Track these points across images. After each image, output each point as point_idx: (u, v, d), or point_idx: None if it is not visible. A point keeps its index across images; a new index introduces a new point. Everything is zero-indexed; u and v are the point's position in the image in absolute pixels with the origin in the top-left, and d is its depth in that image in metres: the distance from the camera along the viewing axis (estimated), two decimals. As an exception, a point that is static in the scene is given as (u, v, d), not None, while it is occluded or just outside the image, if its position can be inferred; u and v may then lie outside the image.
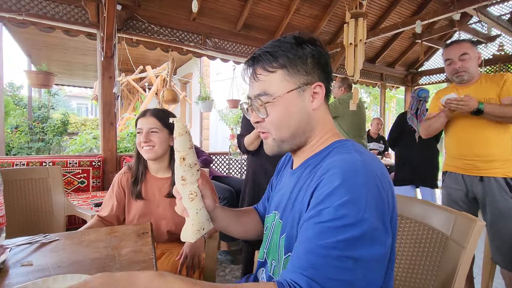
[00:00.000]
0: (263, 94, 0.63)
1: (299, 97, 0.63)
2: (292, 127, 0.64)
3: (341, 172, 0.51)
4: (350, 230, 0.47)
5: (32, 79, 2.82)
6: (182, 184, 0.66)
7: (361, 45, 2.09)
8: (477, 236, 0.70)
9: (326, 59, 0.66)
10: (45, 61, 5.65)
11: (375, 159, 0.57)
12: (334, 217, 0.48)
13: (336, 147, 0.62)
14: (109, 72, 2.89)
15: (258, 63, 0.64)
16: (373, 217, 0.48)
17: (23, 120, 7.48)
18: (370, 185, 0.50)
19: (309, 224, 0.51)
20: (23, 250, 0.79)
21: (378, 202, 0.50)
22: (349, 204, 0.48)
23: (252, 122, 0.68)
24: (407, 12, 4.29)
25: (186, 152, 0.65)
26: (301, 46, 0.63)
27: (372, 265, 0.48)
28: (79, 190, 2.87)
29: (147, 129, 1.24)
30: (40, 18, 2.57)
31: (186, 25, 3.31)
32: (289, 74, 0.62)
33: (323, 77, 0.65)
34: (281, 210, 0.69)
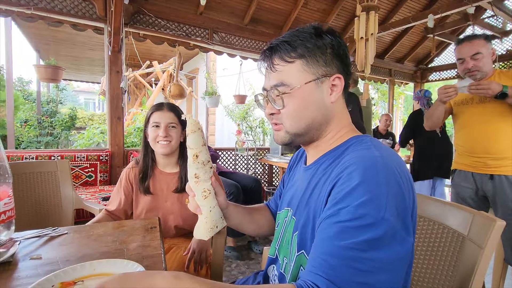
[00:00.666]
0: (280, 85, 0.61)
1: (317, 88, 0.61)
2: (309, 120, 0.62)
3: (361, 169, 0.49)
4: (370, 230, 0.45)
5: (41, 73, 2.84)
6: (195, 182, 0.65)
7: (372, 39, 2.04)
8: (496, 237, 0.68)
9: (345, 50, 0.64)
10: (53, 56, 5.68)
11: (394, 154, 0.55)
12: (353, 217, 0.46)
13: (354, 143, 0.60)
14: (116, 67, 2.90)
15: (275, 53, 0.62)
16: (393, 216, 0.46)
17: (32, 115, 7.58)
18: (391, 182, 0.48)
19: (327, 224, 0.49)
20: (32, 243, 0.79)
21: (398, 200, 0.48)
22: (369, 203, 0.46)
23: (267, 114, 0.66)
24: (418, 6, 4.19)
25: (199, 149, 0.64)
26: (320, 36, 0.61)
27: (392, 266, 0.45)
28: (87, 184, 2.90)
29: (166, 124, 1.23)
30: (48, 12, 2.58)
31: (193, 19, 3.29)
32: (308, 65, 0.60)
33: (342, 69, 0.63)
34: (294, 207, 0.67)
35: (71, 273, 0.60)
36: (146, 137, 1.28)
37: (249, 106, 6.17)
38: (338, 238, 0.46)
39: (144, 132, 1.30)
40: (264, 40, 3.80)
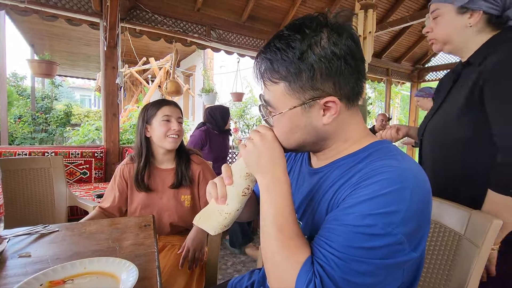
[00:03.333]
0: (267, 104, 0.58)
1: (304, 113, 0.54)
2: (299, 141, 0.58)
3: (390, 180, 0.47)
4: (377, 240, 0.45)
5: (35, 68, 2.80)
6: (245, 177, 0.59)
7: (370, 38, 2.03)
8: (493, 236, 0.67)
9: (341, 63, 0.52)
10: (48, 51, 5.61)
11: (419, 166, 0.52)
12: (360, 224, 0.46)
13: (377, 149, 0.55)
14: (112, 62, 2.86)
15: (262, 68, 0.56)
16: (402, 234, 0.45)
17: (26, 111, 7.48)
18: (414, 200, 0.46)
19: (338, 215, 0.49)
20: (22, 241, 0.77)
21: (415, 219, 0.47)
22: (382, 217, 0.45)
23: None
24: (416, 5, 4.19)
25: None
26: (306, 54, 0.50)
27: (391, 276, 0.47)
28: (81, 181, 2.86)
29: (177, 117, 1.24)
30: (42, 6, 2.53)
31: (190, 15, 3.26)
32: (291, 89, 0.53)
33: (338, 87, 0.52)
34: (300, 210, 0.64)
35: (60, 272, 0.59)
36: (145, 133, 1.25)
37: (246, 104, 6.16)
38: (346, 239, 0.46)
39: (143, 129, 1.26)
40: (262, 38, 3.78)
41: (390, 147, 0.56)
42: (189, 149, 1.37)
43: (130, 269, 0.60)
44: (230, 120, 2.90)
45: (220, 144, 2.75)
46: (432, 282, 0.78)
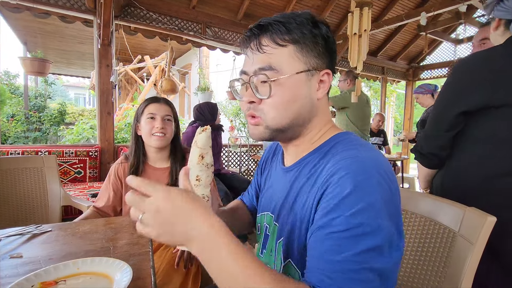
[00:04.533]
0: (268, 69, 0.53)
1: (307, 81, 0.55)
2: (295, 114, 0.56)
3: (352, 175, 0.46)
4: (368, 239, 0.43)
5: (27, 66, 2.76)
6: (195, 185, 0.59)
7: (366, 36, 2.03)
8: (487, 232, 0.68)
9: (335, 47, 0.60)
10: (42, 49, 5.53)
11: (380, 154, 0.52)
12: (348, 227, 0.43)
13: (338, 142, 0.56)
14: (107, 60, 2.83)
15: (266, 33, 0.55)
16: (388, 222, 0.45)
17: (19, 109, 7.38)
18: (383, 187, 0.46)
19: (320, 236, 0.46)
20: (13, 242, 0.76)
21: (390, 205, 0.46)
22: (364, 211, 0.43)
23: (245, 102, 0.58)
24: (411, 4, 4.21)
25: (206, 150, 0.59)
26: (316, 25, 0.56)
27: (391, 274, 0.46)
28: (76, 181, 2.83)
29: (162, 115, 1.22)
30: (34, 3, 2.49)
31: (185, 13, 3.23)
32: (301, 52, 0.54)
33: (330, 65, 0.58)
34: (276, 212, 0.62)
35: (53, 272, 0.58)
36: (137, 131, 1.25)
37: (243, 103, 6.12)
38: (335, 251, 0.43)
39: (135, 126, 1.27)
40: (257, 36, 3.77)
41: (350, 138, 0.56)
42: (185, 148, 1.36)
43: (124, 269, 0.59)
44: (220, 114, 2.89)
45: (212, 141, 2.74)
46: (426, 279, 0.78)
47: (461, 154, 0.93)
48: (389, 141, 4.37)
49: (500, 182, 0.84)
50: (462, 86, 0.88)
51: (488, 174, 0.86)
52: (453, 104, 0.89)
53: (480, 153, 0.88)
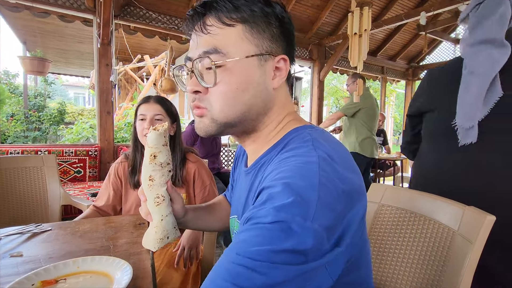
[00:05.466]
0: (213, 52, 0.47)
1: (259, 67, 0.49)
2: (246, 106, 0.49)
3: (291, 169, 0.40)
4: (291, 239, 0.35)
5: (27, 66, 2.76)
6: (149, 185, 0.57)
7: (366, 35, 2.04)
8: (486, 232, 0.68)
9: (293, 29, 0.53)
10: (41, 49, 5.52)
11: (337, 157, 0.43)
12: (273, 220, 0.35)
13: (291, 138, 0.49)
14: (106, 60, 2.83)
15: (210, 11, 0.48)
16: (322, 227, 0.36)
17: (18, 109, 7.37)
18: (327, 187, 0.38)
19: (245, 226, 0.38)
20: (13, 240, 0.76)
21: (328, 208, 0.38)
22: (294, 206, 0.36)
23: (189, 91, 0.50)
24: (411, 3, 4.22)
25: (159, 149, 0.57)
26: (268, 3, 0.49)
27: (308, 278, 0.36)
28: (76, 180, 2.83)
29: (152, 116, 1.20)
30: (33, 2, 2.49)
31: (185, 12, 3.22)
32: (252, 33, 0.48)
33: (288, 51, 0.52)
34: (239, 216, 0.58)
35: (53, 271, 0.58)
36: (135, 130, 1.26)
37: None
38: (252, 242, 0.35)
39: (133, 126, 1.27)
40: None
41: (304, 133, 0.48)
42: (186, 148, 1.35)
43: (124, 268, 0.59)
44: None
45: (211, 140, 2.75)
46: (426, 278, 0.78)
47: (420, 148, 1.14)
48: (389, 140, 4.37)
49: (429, 173, 1.04)
50: (415, 95, 1.14)
51: (422, 166, 1.08)
52: (409, 109, 1.15)
53: (422, 149, 1.11)
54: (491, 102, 0.91)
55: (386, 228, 0.89)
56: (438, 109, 1.03)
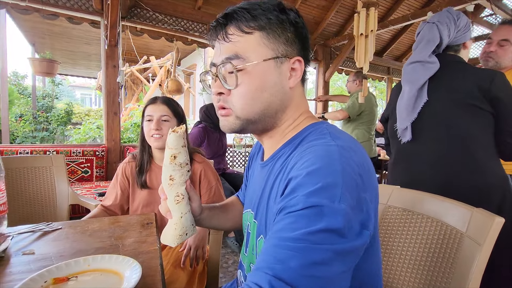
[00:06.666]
0: (234, 57, 0.52)
1: (276, 69, 0.53)
2: (264, 104, 0.54)
3: (314, 158, 0.44)
4: (325, 219, 0.39)
5: (36, 67, 2.81)
6: (169, 184, 0.61)
7: (372, 36, 2.03)
8: (495, 234, 0.67)
9: (307, 33, 0.58)
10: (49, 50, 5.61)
11: (354, 142, 0.49)
12: (304, 206, 0.40)
13: (310, 132, 0.54)
14: (113, 61, 2.86)
15: (231, 21, 0.53)
16: (350, 207, 0.41)
17: (27, 109, 7.49)
18: (348, 172, 0.43)
19: (280, 217, 0.43)
20: (25, 239, 0.77)
21: (357, 192, 0.43)
22: (322, 191, 0.40)
23: (214, 94, 0.56)
24: (417, 3, 4.18)
25: (178, 150, 0.60)
26: (283, 11, 0.54)
27: (347, 259, 0.41)
28: (83, 180, 2.87)
29: (158, 117, 1.22)
30: (43, 5, 2.53)
31: (191, 14, 3.25)
32: (268, 39, 0.53)
33: (302, 53, 0.57)
34: (255, 209, 0.61)
35: (64, 269, 0.59)
36: (142, 131, 1.27)
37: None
38: (288, 229, 0.40)
39: (141, 127, 1.29)
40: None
41: (322, 127, 0.54)
42: (192, 148, 1.37)
43: (134, 266, 0.60)
44: None
45: (217, 141, 2.77)
46: (433, 280, 0.78)
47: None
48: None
49: (392, 163, 1.33)
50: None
51: (391, 158, 1.36)
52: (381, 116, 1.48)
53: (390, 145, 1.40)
54: (419, 106, 1.16)
55: (393, 230, 0.89)
56: (390, 115, 1.35)
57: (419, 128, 1.18)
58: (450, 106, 1.12)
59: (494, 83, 1.06)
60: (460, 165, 1.09)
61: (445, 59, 1.17)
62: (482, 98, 1.07)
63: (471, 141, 1.09)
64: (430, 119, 1.16)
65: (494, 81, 1.06)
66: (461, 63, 1.18)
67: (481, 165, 1.08)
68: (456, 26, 1.16)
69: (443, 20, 1.17)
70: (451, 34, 1.16)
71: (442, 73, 1.15)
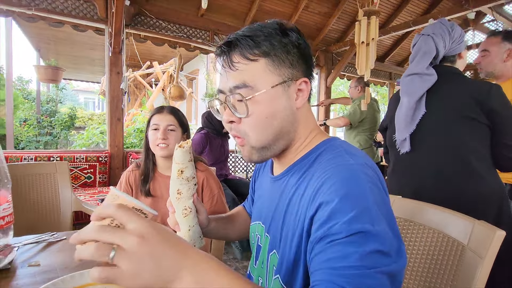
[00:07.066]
0: (242, 86, 0.52)
1: (284, 93, 0.54)
2: (276, 129, 0.54)
3: (340, 182, 0.45)
4: (371, 243, 0.40)
5: (41, 74, 2.85)
6: (177, 198, 0.62)
7: (373, 44, 2.04)
8: (496, 247, 0.68)
9: (310, 51, 0.58)
10: (54, 56, 5.68)
11: (366, 157, 0.52)
12: (348, 233, 0.41)
13: (325, 149, 0.55)
14: (117, 68, 2.89)
15: (235, 49, 0.53)
16: (387, 226, 0.43)
17: (31, 114, 7.56)
18: (374, 191, 0.45)
19: (322, 246, 0.43)
20: (30, 249, 0.78)
21: (383, 208, 0.45)
22: (361, 217, 0.41)
23: (225, 121, 0.57)
24: (419, 10, 4.20)
25: (185, 164, 0.61)
26: (285, 33, 0.54)
27: (399, 279, 0.42)
28: (86, 185, 2.89)
29: (165, 126, 1.23)
30: (49, 13, 2.58)
31: (194, 21, 3.29)
32: (273, 65, 0.53)
33: (307, 72, 0.57)
34: (267, 223, 0.61)
35: (69, 281, 0.60)
36: (147, 139, 1.28)
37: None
38: (338, 257, 0.40)
39: (145, 135, 1.30)
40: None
41: (335, 144, 0.55)
42: (195, 157, 1.38)
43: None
44: None
45: (219, 147, 2.78)
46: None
47: None
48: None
49: (390, 172, 1.37)
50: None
51: (390, 167, 1.39)
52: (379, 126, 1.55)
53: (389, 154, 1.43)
54: (417, 118, 1.18)
55: (394, 241, 0.89)
56: (389, 125, 1.38)
57: (417, 139, 1.20)
58: (448, 118, 1.14)
59: (490, 96, 1.08)
60: (458, 176, 1.11)
61: (442, 71, 1.19)
62: (479, 111, 1.09)
63: (469, 152, 1.10)
64: (428, 131, 1.18)
65: (490, 93, 1.08)
66: (458, 75, 1.20)
67: (479, 176, 1.10)
68: (451, 37, 1.18)
69: (438, 31, 1.18)
70: (447, 45, 1.18)
71: (439, 85, 1.17)
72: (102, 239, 0.33)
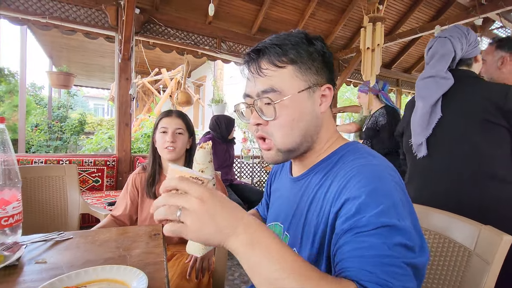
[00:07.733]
0: (270, 91, 0.55)
1: (309, 98, 0.57)
2: (302, 131, 0.58)
3: (366, 179, 0.48)
4: (397, 236, 0.43)
5: (53, 80, 2.93)
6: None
7: (378, 50, 2.05)
8: (504, 252, 0.66)
9: (332, 59, 0.62)
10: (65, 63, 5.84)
11: (387, 160, 0.55)
12: (376, 226, 0.43)
13: (347, 151, 0.58)
14: (126, 74, 2.96)
15: (263, 56, 0.57)
16: (411, 223, 0.46)
17: (43, 119, 7.74)
18: (398, 189, 0.48)
19: (349, 237, 0.45)
20: (38, 247, 0.80)
21: (407, 205, 0.48)
22: (387, 212, 0.44)
23: (252, 124, 0.60)
24: (425, 17, 4.20)
25: (205, 165, 0.62)
26: (311, 42, 0.58)
27: (421, 274, 0.45)
28: (93, 189, 2.93)
29: (173, 129, 1.26)
30: (62, 21, 2.67)
31: (201, 28, 3.35)
32: (300, 71, 0.56)
33: (330, 79, 0.61)
34: (286, 222, 0.63)
35: (74, 279, 0.61)
36: (154, 143, 1.31)
37: (255, 114, 6.19)
38: (367, 247, 0.43)
39: (152, 138, 1.32)
40: (271, 49, 3.84)
41: (358, 147, 0.58)
42: None
43: (140, 278, 0.61)
44: (234, 130, 2.97)
45: (224, 152, 2.80)
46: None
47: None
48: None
49: (408, 177, 1.33)
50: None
51: (407, 171, 1.36)
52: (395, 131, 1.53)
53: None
54: (433, 122, 1.17)
55: (399, 246, 0.88)
56: (405, 130, 1.38)
57: (434, 143, 1.19)
58: (464, 122, 1.12)
59: (508, 98, 1.06)
60: (478, 179, 1.09)
61: (459, 74, 1.18)
62: (497, 113, 1.07)
63: (487, 155, 1.08)
64: (445, 135, 1.16)
65: (508, 95, 1.06)
66: (474, 78, 1.18)
67: (499, 179, 1.07)
68: (467, 40, 1.17)
69: (455, 34, 1.17)
70: (464, 47, 1.17)
71: (456, 89, 1.15)
72: (170, 203, 0.42)
